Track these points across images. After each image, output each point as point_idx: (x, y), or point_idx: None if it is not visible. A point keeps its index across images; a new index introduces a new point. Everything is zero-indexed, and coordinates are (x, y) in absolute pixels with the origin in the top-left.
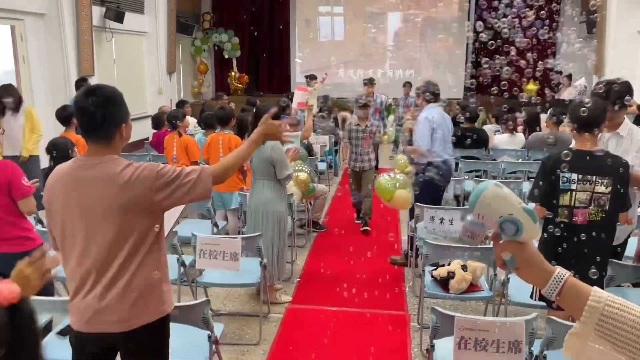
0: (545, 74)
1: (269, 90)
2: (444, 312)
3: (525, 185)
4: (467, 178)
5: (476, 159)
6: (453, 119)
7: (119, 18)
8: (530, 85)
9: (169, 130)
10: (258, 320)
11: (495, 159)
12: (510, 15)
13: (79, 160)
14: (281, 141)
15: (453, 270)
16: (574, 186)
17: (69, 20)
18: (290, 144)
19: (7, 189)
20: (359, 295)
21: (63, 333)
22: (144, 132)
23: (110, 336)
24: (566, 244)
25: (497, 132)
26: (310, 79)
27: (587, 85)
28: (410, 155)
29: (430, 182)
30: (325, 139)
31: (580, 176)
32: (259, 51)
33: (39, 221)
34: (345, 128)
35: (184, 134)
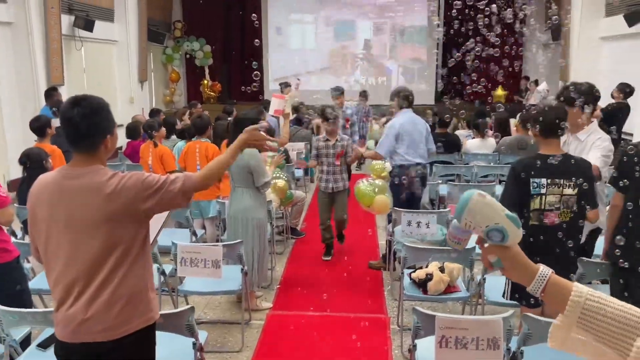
0: (514, 79)
1: (242, 98)
2: (425, 312)
3: (497, 188)
4: (442, 182)
5: (450, 163)
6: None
7: (89, 27)
8: (499, 90)
9: (144, 140)
10: (240, 328)
11: (468, 163)
12: (479, 22)
13: (64, 170)
14: (262, 149)
15: (431, 272)
16: (543, 190)
17: (37, 28)
18: (270, 152)
19: None
20: (339, 299)
21: (43, 345)
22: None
23: (96, 345)
24: (537, 245)
25: (469, 137)
26: (284, 87)
27: (549, 89)
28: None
29: (397, 185)
30: (300, 145)
31: (549, 180)
32: (231, 59)
33: (12, 233)
34: (312, 144)
35: (160, 144)
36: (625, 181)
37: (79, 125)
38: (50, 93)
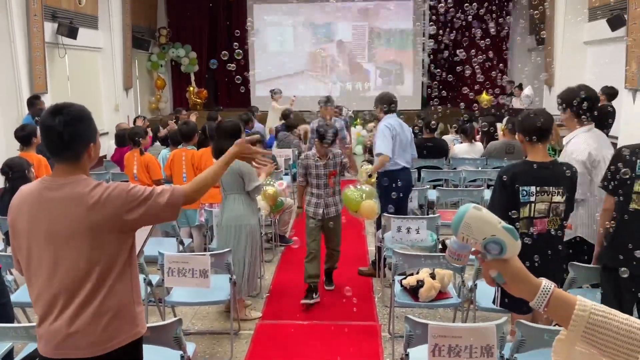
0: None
1: (229, 105)
2: (418, 320)
3: (486, 193)
4: (430, 187)
5: (437, 168)
6: (412, 129)
7: (72, 34)
8: (484, 95)
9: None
10: (229, 338)
11: (455, 168)
12: (464, 28)
13: (46, 181)
14: (253, 163)
15: (422, 279)
16: (532, 198)
17: (19, 36)
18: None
19: None
20: (329, 307)
21: None
22: (101, 150)
23: None
24: (528, 253)
25: (456, 142)
26: (274, 93)
27: (532, 94)
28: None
29: (386, 189)
30: (288, 152)
31: (538, 188)
32: (217, 66)
33: None
34: (298, 162)
35: (145, 151)
36: (614, 183)
37: (62, 134)
38: (33, 102)
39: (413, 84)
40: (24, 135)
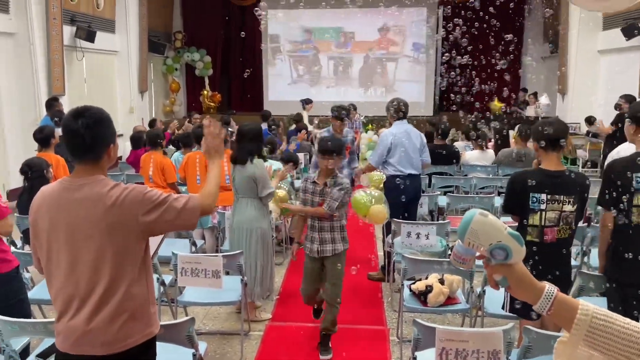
0: (511, 91)
1: (242, 108)
2: (426, 324)
3: (497, 200)
4: (440, 193)
5: (448, 174)
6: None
7: (90, 37)
8: (495, 102)
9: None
10: (239, 339)
11: (466, 175)
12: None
13: (65, 182)
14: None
15: (431, 284)
16: (543, 206)
17: (39, 39)
18: (275, 165)
19: None
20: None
21: (43, 356)
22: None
23: (96, 359)
24: (537, 262)
25: (468, 149)
26: (305, 103)
27: (550, 103)
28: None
29: (390, 195)
30: (300, 156)
31: (549, 196)
32: (231, 70)
33: (12, 243)
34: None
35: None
36: (612, 194)
37: (84, 137)
38: (51, 103)
39: (425, 91)
40: (42, 137)
